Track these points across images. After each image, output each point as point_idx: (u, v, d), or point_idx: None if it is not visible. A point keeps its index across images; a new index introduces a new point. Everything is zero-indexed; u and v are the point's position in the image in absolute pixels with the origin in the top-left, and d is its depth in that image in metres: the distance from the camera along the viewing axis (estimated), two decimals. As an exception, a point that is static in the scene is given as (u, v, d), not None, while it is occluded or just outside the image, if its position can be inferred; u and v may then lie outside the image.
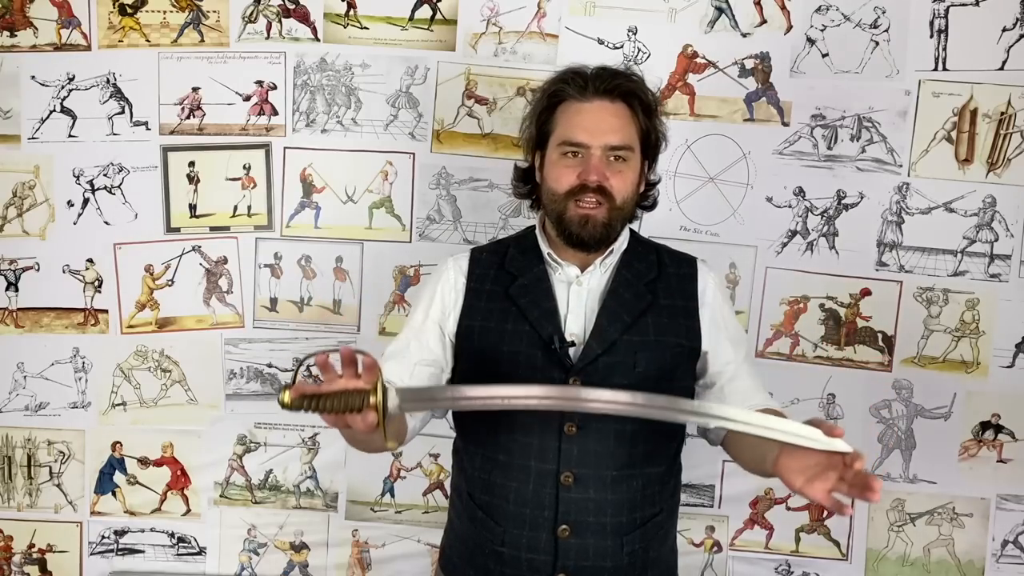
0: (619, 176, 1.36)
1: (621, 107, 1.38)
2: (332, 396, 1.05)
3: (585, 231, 1.36)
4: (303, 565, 2.23)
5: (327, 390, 1.05)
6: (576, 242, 1.37)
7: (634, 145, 1.38)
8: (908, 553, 2.13)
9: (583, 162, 1.35)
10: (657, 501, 1.42)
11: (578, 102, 1.38)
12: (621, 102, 1.38)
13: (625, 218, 1.41)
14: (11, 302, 2.16)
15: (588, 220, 1.35)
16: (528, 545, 1.36)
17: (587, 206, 1.35)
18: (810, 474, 1.13)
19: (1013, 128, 2.02)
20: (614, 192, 1.35)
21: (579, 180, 1.35)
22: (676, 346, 1.40)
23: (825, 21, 2.02)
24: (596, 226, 1.35)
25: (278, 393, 1.06)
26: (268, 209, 2.14)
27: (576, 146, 1.36)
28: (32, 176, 2.12)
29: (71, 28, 2.09)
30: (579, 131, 1.36)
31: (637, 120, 1.38)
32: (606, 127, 1.36)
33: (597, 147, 1.34)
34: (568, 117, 1.38)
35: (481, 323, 1.42)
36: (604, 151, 1.35)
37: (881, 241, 2.06)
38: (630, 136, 1.38)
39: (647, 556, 1.41)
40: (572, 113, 1.38)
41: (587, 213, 1.35)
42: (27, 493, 2.21)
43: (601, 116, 1.36)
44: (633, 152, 1.38)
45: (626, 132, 1.37)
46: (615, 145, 1.35)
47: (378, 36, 2.09)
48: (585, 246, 1.38)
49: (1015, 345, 2.06)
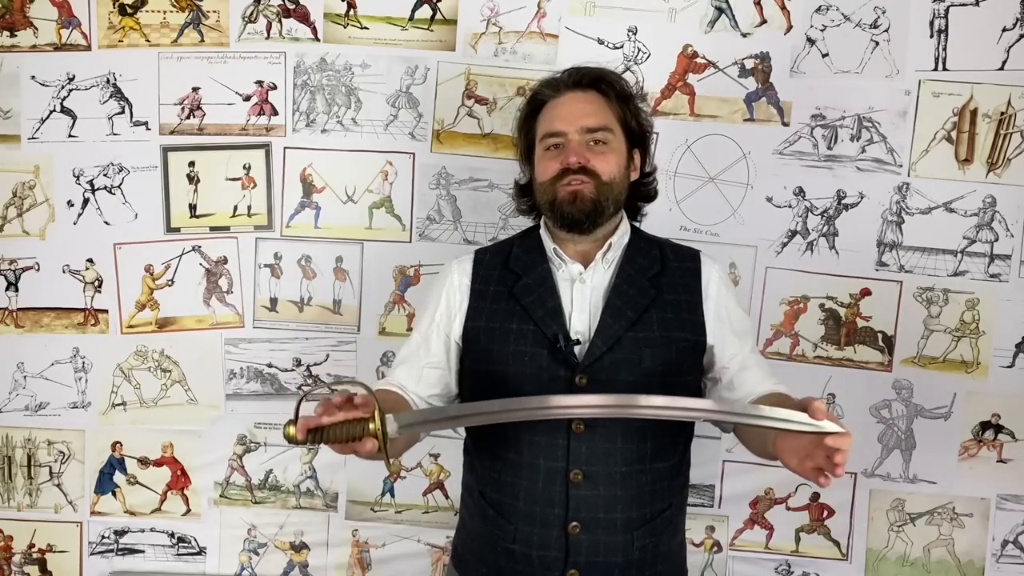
0: (601, 157, 1.42)
1: (593, 94, 1.46)
2: (335, 427, 1.14)
3: (575, 207, 1.40)
4: (303, 565, 2.23)
5: (329, 422, 1.12)
6: (569, 221, 1.41)
7: (611, 126, 1.44)
8: (908, 553, 2.13)
9: (563, 151, 1.42)
10: (666, 496, 1.43)
11: (553, 99, 1.46)
12: (592, 90, 1.46)
13: (616, 197, 1.43)
14: (11, 302, 2.16)
15: (576, 196, 1.40)
16: (539, 542, 1.38)
17: (574, 183, 1.40)
18: (802, 454, 1.19)
19: (1013, 128, 2.02)
20: (598, 170, 1.40)
21: (562, 165, 1.41)
22: (681, 341, 1.41)
23: (825, 21, 2.03)
24: (584, 201, 1.40)
25: (283, 428, 1.15)
26: (268, 209, 2.14)
27: (556, 135, 1.43)
28: (32, 176, 2.12)
29: (71, 28, 2.09)
30: (556, 121, 1.43)
31: (612, 104, 1.45)
32: (579, 112, 1.43)
33: (574, 131, 1.41)
34: (546, 114, 1.46)
35: (486, 324, 1.44)
36: (581, 134, 1.41)
37: (881, 241, 2.06)
38: (606, 118, 1.44)
39: (657, 551, 1.42)
40: (549, 109, 1.46)
41: (574, 189, 1.40)
42: (27, 493, 2.21)
43: (574, 104, 1.44)
44: (612, 133, 1.44)
45: (601, 115, 1.44)
46: (591, 127, 1.42)
47: (378, 36, 2.09)
48: (579, 225, 1.42)
49: (1015, 345, 2.06)
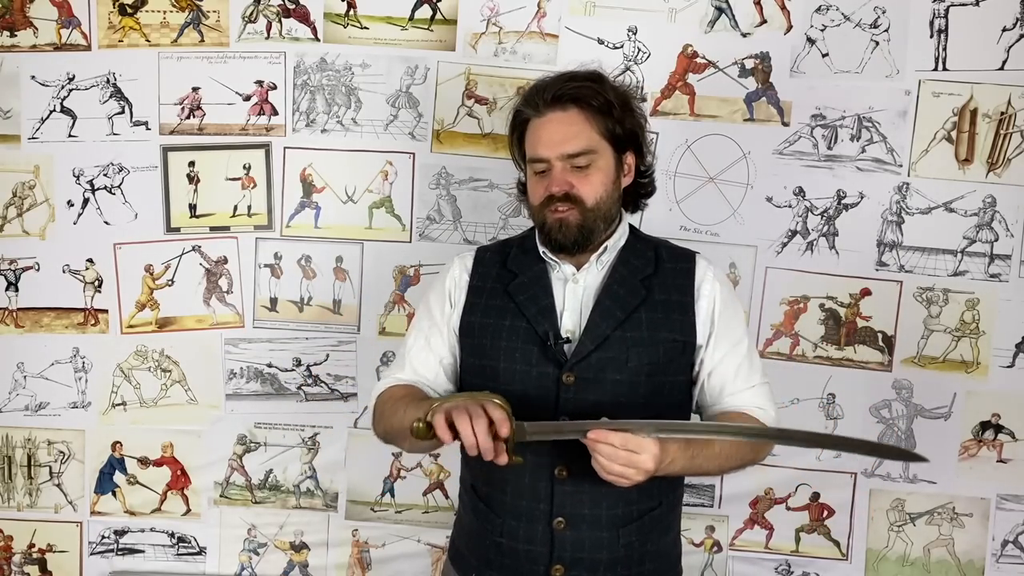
0: (584, 180, 1.41)
1: (574, 113, 1.42)
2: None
3: (561, 234, 1.42)
4: (303, 565, 2.23)
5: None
6: (556, 246, 1.44)
7: (595, 147, 1.42)
8: (908, 553, 2.13)
9: (548, 177, 1.42)
10: (655, 494, 1.43)
11: (536, 119, 1.44)
12: (573, 107, 1.42)
13: (604, 215, 1.44)
14: (11, 302, 2.16)
15: (562, 224, 1.41)
16: (525, 537, 1.40)
17: (559, 211, 1.41)
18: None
19: (1013, 128, 2.02)
20: (582, 196, 1.41)
21: (546, 192, 1.42)
22: (669, 341, 1.42)
23: (825, 21, 2.02)
24: (570, 228, 1.41)
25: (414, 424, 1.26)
26: (268, 209, 2.14)
27: (540, 161, 1.43)
28: (32, 176, 2.12)
29: (71, 28, 2.09)
30: (539, 147, 1.43)
31: (593, 120, 1.42)
32: (559, 138, 1.41)
33: (556, 159, 1.41)
34: (530, 135, 1.46)
35: (480, 319, 1.47)
36: (563, 160, 1.41)
37: (881, 241, 2.06)
38: (587, 139, 1.42)
39: (645, 548, 1.42)
40: (532, 131, 1.45)
41: (560, 217, 1.41)
42: (27, 493, 2.21)
43: (554, 128, 1.42)
44: (595, 154, 1.42)
45: (581, 137, 1.41)
46: (571, 153, 1.41)
47: (378, 36, 2.09)
48: (566, 249, 1.43)
49: (1015, 345, 2.06)
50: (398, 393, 1.48)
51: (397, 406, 1.43)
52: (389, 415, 1.44)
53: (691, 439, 1.33)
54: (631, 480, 1.24)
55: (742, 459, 1.41)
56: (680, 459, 1.30)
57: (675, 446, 1.29)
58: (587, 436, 1.23)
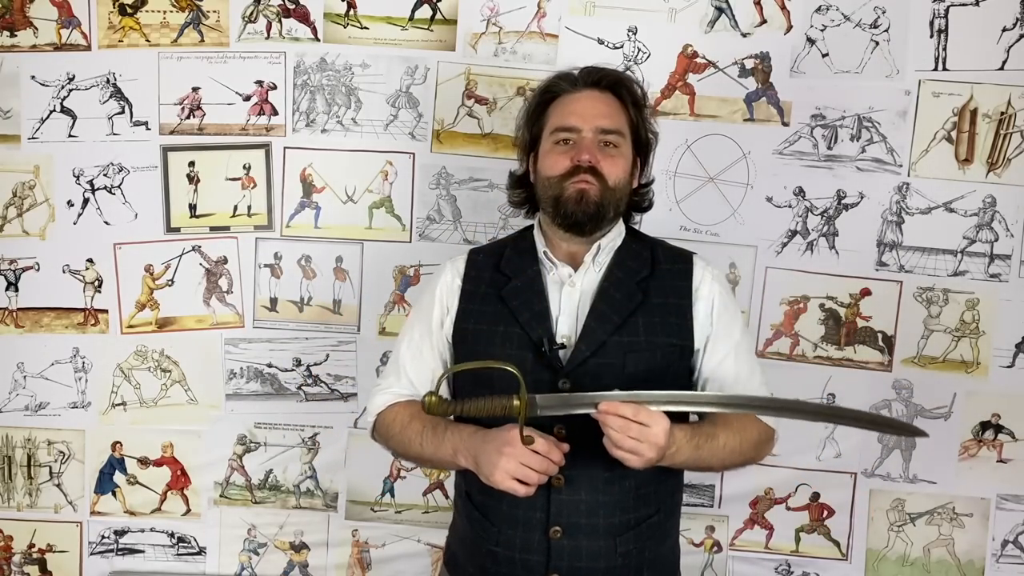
0: (610, 160, 1.41)
1: (611, 97, 1.45)
2: (476, 403, 1.27)
3: (580, 207, 1.39)
4: (303, 565, 2.23)
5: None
6: (572, 221, 1.40)
7: (624, 131, 1.44)
8: (908, 553, 2.13)
9: (575, 147, 1.40)
10: (652, 501, 1.41)
11: (569, 94, 1.45)
12: (610, 92, 1.45)
13: (617, 203, 1.43)
14: (11, 302, 2.16)
15: (583, 195, 1.39)
16: (521, 546, 1.37)
17: (585, 181, 1.39)
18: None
19: (1013, 128, 2.02)
20: (606, 174, 1.40)
21: (572, 162, 1.40)
22: (667, 346, 1.40)
23: (825, 21, 2.02)
24: (589, 202, 1.39)
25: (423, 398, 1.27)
26: (268, 209, 2.14)
27: (569, 131, 1.41)
28: (32, 176, 2.12)
29: (71, 28, 2.09)
30: (571, 116, 1.42)
31: (627, 110, 1.45)
32: (596, 112, 1.42)
33: (589, 129, 1.41)
34: (560, 107, 1.45)
35: (474, 325, 1.44)
36: (595, 133, 1.41)
37: (881, 241, 2.06)
38: (620, 122, 1.44)
39: (643, 557, 1.40)
40: (564, 103, 1.45)
41: (582, 188, 1.39)
42: (27, 493, 2.21)
43: (592, 103, 1.43)
44: (624, 138, 1.44)
45: (616, 118, 1.43)
46: (606, 128, 1.41)
47: (378, 36, 2.09)
48: (580, 226, 1.41)
49: (1015, 345, 2.06)
50: (404, 416, 1.46)
51: (411, 436, 1.42)
52: (406, 444, 1.44)
53: (697, 430, 1.32)
54: (642, 457, 1.22)
55: (744, 456, 1.40)
56: (685, 448, 1.29)
57: (681, 433, 1.28)
58: (598, 408, 1.22)
